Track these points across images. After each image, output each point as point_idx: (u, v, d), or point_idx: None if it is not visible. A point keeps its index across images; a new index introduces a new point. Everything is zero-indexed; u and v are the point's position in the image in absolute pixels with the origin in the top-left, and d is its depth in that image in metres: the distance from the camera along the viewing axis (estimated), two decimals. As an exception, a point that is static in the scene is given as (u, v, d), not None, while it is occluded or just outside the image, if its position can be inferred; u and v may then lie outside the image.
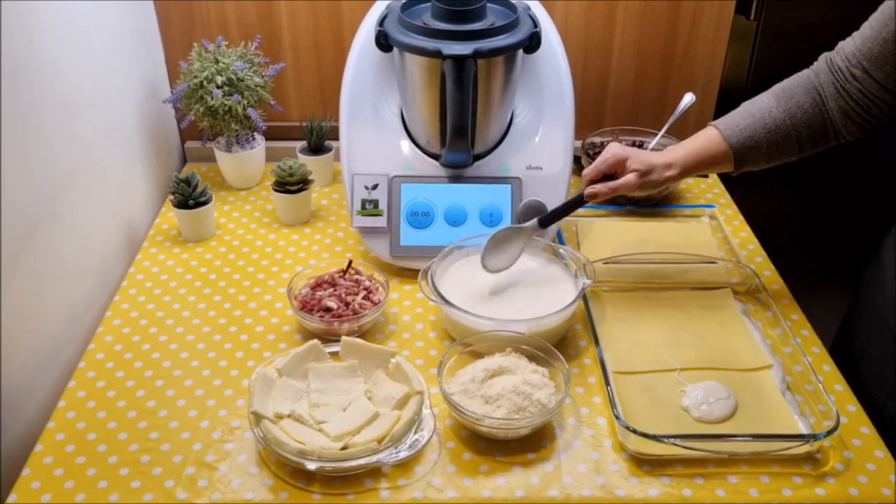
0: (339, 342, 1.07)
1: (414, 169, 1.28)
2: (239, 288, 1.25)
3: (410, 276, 1.26)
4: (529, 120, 1.30)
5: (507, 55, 1.17)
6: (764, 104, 1.06)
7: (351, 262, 1.21)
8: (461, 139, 1.19)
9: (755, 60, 1.63)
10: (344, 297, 1.15)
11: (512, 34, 1.17)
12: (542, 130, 1.29)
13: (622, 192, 1.11)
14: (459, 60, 1.12)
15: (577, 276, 1.16)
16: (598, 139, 1.55)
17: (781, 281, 1.27)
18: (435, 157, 1.28)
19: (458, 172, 1.27)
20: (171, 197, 1.36)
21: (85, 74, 1.19)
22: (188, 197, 1.32)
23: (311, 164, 1.44)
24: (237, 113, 1.40)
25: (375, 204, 1.26)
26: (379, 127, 1.29)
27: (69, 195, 1.14)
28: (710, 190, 1.52)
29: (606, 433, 0.99)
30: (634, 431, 0.93)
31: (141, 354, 1.11)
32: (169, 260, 1.31)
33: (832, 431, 0.93)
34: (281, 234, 1.39)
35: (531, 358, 1.04)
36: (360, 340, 1.07)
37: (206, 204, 1.34)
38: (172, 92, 1.43)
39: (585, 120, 1.58)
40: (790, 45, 1.13)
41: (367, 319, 1.12)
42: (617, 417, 0.95)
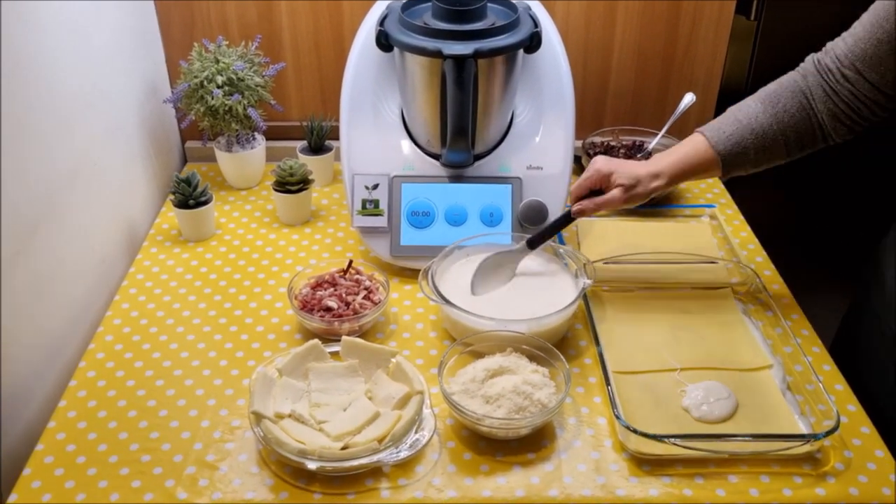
0: (339, 342, 1.07)
1: (414, 169, 1.27)
2: (239, 288, 1.25)
3: (411, 275, 1.26)
4: (530, 120, 1.30)
5: (507, 55, 1.17)
6: (751, 109, 1.05)
7: (351, 261, 1.21)
8: (461, 139, 1.19)
9: (755, 60, 1.63)
10: (344, 296, 1.15)
11: (512, 34, 1.17)
12: (542, 130, 1.29)
13: (609, 207, 1.10)
14: (460, 60, 1.11)
15: (577, 275, 1.16)
16: (598, 139, 1.55)
17: (782, 281, 1.27)
18: (435, 156, 1.28)
19: (458, 172, 1.27)
20: (171, 197, 1.36)
21: (85, 74, 1.19)
22: (188, 197, 1.32)
23: (311, 163, 1.44)
24: (237, 113, 1.40)
25: (376, 204, 1.26)
26: (379, 127, 1.29)
27: (69, 195, 1.14)
28: (710, 190, 1.52)
29: (607, 433, 0.99)
30: (635, 431, 0.93)
31: (141, 354, 1.11)
32: (169, 260, 1.31)
33: (832, 431, 0.93)
34: (281, 233, 1.39)
35: (531, 358, 1.04)
36: (360, 340, 1.07)
37: (206, 204, 1.34)
38: (173, 92, 1.43)
39: (586, 120, 1.58)
40: (790, 45, 1.13)
41: (367, 319, 1.12)
42: (617, 417, 0.95)
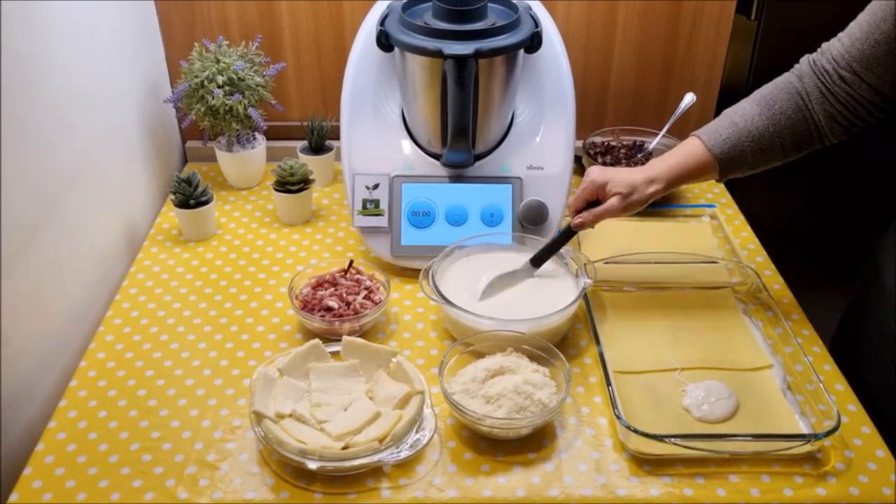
0: (340, 342, 1.07)
1: (415, 169, 1.27)
2: (240, 287, 1.25)
3: (411, 275, 1.26)
4: (530, 120, 1.29)
5: (508, 55, 1.17)
6: (747, 112, 1.05)
7: (352, 261, 1.21)
8: (462, 139, 1.19)
9: (756, 60, 1.63)
10: (345, 296, 1.15)
11: (513, 34, 1.17)
12: (543, 130, 1.29)
13: (608, 217, 1.10)
14: (460, 60, 1.11)
15: (577, 275, 1.16)
16: (599, 139, 1.55)
17: (782, 281, 1.27)
18: (436, 156, 1.28)
19: (459, 172, 1.27)
20: (171, 196, 1.36)
21: (85, 74, 1.19)
22: (189, 196, 1.32)
23: (311, 163, 1.44)
24: (238, 112, 1.40)
25: (376, 204, 1.26)
26: (380, 127, 1.29)
27: (70, 195, 1.14)
28: (710, 190, 1.52)
29: (607, 433, 0.99)
30: (635, 431, 0.93)
31: (142, 354, 1.11)
32: (170, 259, 1.31)
33: (833, 431, 0.93)
34: (282, 233, 1.39)
35: (532, 357, 1.04)
36: (361, 340, 1.07)
37: (206, 203, 1.34)
38: (173, 91, 1.43)
39: (586, 120, 1.58)
40: (791, 45, 1.13)
41: (368, 319, 1.12)
42: (618, 417, 0.95)
